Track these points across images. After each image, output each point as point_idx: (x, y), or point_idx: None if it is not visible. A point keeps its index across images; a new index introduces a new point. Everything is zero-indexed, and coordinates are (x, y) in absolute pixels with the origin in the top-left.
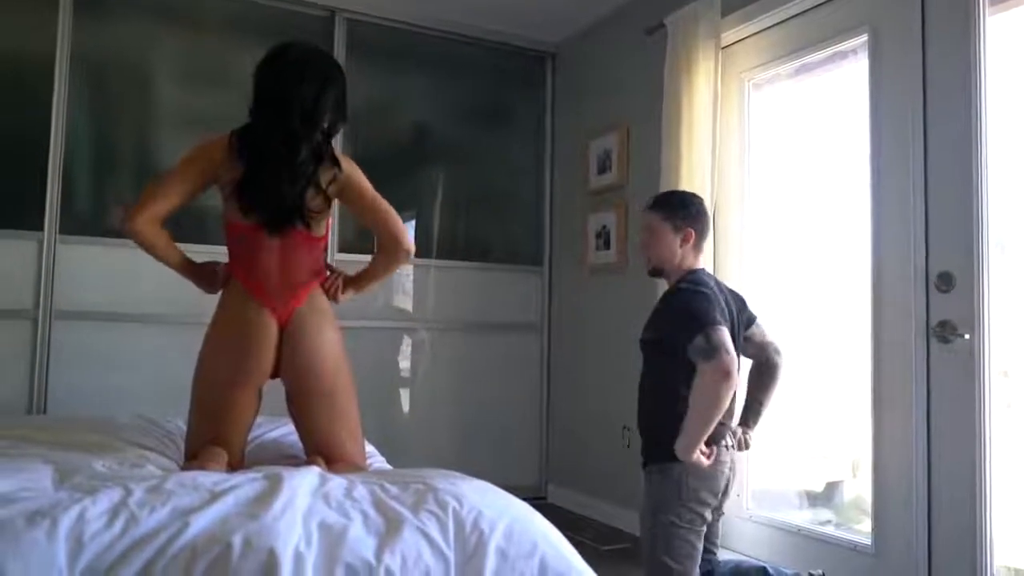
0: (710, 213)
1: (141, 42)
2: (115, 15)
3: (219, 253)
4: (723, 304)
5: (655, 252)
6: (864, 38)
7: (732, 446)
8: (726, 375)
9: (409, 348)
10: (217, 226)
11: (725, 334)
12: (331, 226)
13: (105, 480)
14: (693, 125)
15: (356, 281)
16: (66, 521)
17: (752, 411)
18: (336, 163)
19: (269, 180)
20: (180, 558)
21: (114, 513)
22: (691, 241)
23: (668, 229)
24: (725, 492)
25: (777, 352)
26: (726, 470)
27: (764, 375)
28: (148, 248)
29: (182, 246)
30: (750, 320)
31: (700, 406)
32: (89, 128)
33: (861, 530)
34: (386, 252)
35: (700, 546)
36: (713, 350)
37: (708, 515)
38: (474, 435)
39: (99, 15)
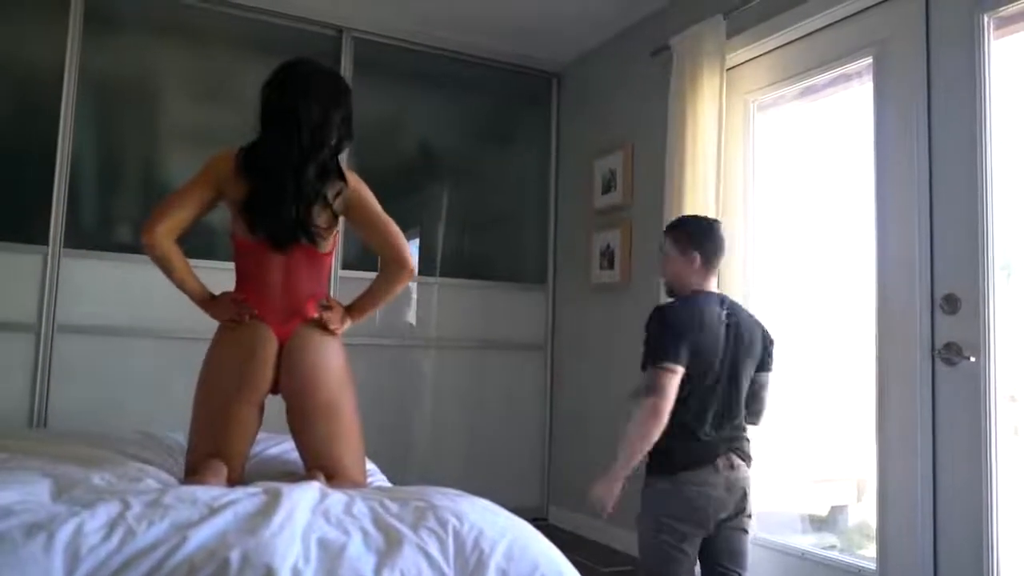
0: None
1: (149, 58)
2: (124, 31)
3: (227, 269)
4: (707, 329)
5: (666, 274)
6: (868, 60)
7: (732, 465)
8: (653, 413)
9: (412, 366)
10: (224, 243)
11: (667, 376)
12: (337, 243)
13: (103, 494)
14: (697, 146)
15: (356, 309)
16: (63, 534)
17: None
18: (342, 178)
19: (274, 197)
20: (177, 573)
21: (112, 527)
22: (695, 264)
23: (676, 252)
24: (716, 510)
25: (755, 413)
26: (720, 492)
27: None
28: (162, 262)
29: (191, 262)
30: (764, 362)
31: (631, 435)
32: (95, 143)
33: (866, 555)
34: (388, 271)
35: (678, 557)
36: (650, 389)
37: (688, 531)
38: (476, 454)
39: (108, 30)
